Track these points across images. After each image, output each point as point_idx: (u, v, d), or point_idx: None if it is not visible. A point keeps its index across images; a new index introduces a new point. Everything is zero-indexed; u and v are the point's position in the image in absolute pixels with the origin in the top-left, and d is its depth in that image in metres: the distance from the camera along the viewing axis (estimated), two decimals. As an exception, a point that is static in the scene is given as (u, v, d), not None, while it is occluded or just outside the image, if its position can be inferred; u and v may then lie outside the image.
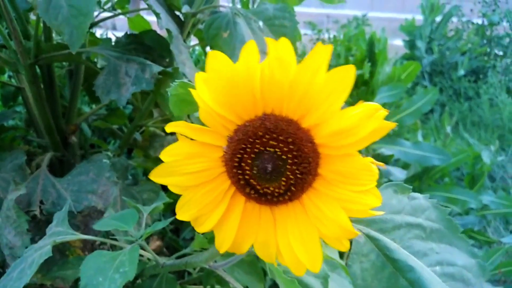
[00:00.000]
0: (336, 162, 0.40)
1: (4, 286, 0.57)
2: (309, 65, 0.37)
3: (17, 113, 1.23)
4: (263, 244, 0.44)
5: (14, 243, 0.75)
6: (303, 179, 0.40)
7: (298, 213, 0.43)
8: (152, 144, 1.16)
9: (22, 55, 0.88)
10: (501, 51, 3.62)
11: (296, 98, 0.39)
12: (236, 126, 0.42)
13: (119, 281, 0.50)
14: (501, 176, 2.38)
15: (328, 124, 0.38)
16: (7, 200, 0.78)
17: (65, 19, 0.72)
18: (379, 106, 0.37)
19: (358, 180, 0.39)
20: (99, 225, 0.65)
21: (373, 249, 0.47)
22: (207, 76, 0.40)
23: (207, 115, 0.42)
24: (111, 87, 0.84)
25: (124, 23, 1.38)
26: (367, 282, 0.45)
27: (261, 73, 0.39)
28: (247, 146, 0.41)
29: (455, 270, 0.45)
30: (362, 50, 2.17)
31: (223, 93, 0.40)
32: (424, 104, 1.89)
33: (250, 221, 0.45)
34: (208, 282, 0.90)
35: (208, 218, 0.45)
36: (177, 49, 0.81)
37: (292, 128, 0.40)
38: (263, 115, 0.41)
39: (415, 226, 0.48)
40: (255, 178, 0.42)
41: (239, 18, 0.88)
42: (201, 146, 0.44)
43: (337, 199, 0.40)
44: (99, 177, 0.84)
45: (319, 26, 3.79)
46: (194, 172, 0.44)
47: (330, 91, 0.37)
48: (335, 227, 0.40)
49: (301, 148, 0.39)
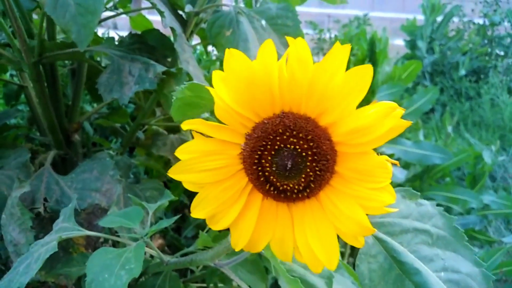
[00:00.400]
0: (353, 160, 0.41)
1: (11, 280, 0.58)
2: (329, 64, 0.38)
3: (19, 111, 1.23)
4: (280, 242, 0.45)
5: (18, 240, 0.76)
6: (321, 176, 0.41)
7: (315, 210, 0.43)
8: (154, 142, 1.16)
9: (26, 53, 0.88)
10: (502, 51, 3.63)
11: (315, 97, 0.39)
12: (254, 124, 0.42)
13: (125, 277, 0.51)
14: (502, 176, 2.38)
15: (345, 122, 0.39)
16: (11, 198, 0.79)
17: (72, 17, 0.72)
18: (395, 105, 0.38)
19: (374, 177, 0.40)
20: (104, 222, 0.65)
21: (381, 251, 0.48)
22: (225, 74, 0.41)
23: (225, 113, 0.42)
24: (113, 86, 0.84)
25: (125, 23, 1.39)
26: (374, 283, 0.46)
27: (280, 72, 0.39)
28: (267, 143, 0.41)
29: (459, 277, 0.46)
30: (363, 50, 2.17)
31: (241, 91, 0.41)
32: (425, 103, 1.89)
33: (267, 218, 0.45)
34: (211, 280, 0.90)
35: (224, 216, 0.45)
36: (181, 47, 0.82)
37: (310, 125, 0.40)
38: (281, 113, 0.41)
39: (422, 232, 0.49)
40: (274, 175, 0.42)
41: (242, 17, 0.88)
42: (218, 143, 0.44)
43: (354, 196, 0.41)
44: (102, 175, 0.84)
45: (320, 26, 3.80)
46: (211, 169, 0.44)
47: (348, 90, 0.38)
48: (352, 224, 0.41)
49: (320, 146, 0.40)
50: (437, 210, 0.50)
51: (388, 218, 0.49)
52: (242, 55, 0.40)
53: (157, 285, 0.74)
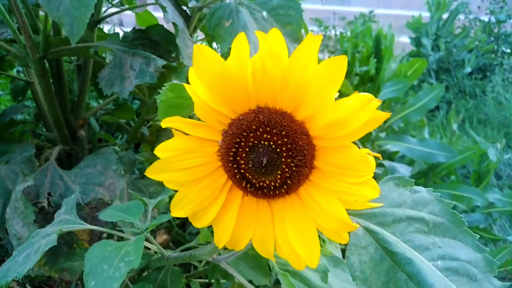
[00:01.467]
0: (332, 154, 0.40)
1: (9, 269, 0.58)
2: (299, 57, 0.37)
3: (26, 107, 1.24)
4: (261, 239, 0.44)
5: (21, 234, 0.77)
6: (298, 172, 0.40)
7: (295, 206, 0.43)
8: (159, 138, 1.17)
9: (31, 49, 0.89)
10: (508, 49, 3.60)
11: (289, 91, 0.38)
12: (230, 120, 0.42)
13: (123, 269, 0.51)
14: (508, 174, 2.37)
15: (322, 116, 0.38)
16: (15, 191, 0.80)
17: (66, 10, 0.72)
18: (371, 97, 0.37)
19: (355, 171, 0.39)
20: (105, 216, 0.65)
21: (372, 242, 0.47)
22: (196, 72, 0.40)
23: (202, 110, 0.42)
24: (115, 80, 0.84)
25: (131, 19, 1.39)
26: (365, 275, 0.45)
27: (253, 67, 0.39)
28: (241, 140, 0.41)
29: (458, 265, 0.45)
30: (369, 47, 2.17)
31: (215, 88, 0.40)
32: (430, 100, 1.88)
33: (248, 215, 0.44)
34: (213, 276, 0.90)
35: (206, 213, 0.45)
36: (183, 42, 0.82)
37: (286, 120, 0.40)
38: (257, 108, 0.41)
39: (416, 220, 0.48)
40: (250, 172, 0.42)
41: (242, 8, 0.88)
42: (197, 141, 0.44)
43: (334, 191, 0.40)
44: (106, 169, 0.85)
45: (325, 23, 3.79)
46: (190, 167, 0.44)
47: (322, 82, 0.37)
48: (332, 220, 0.40)
49: (295, 141, 0.39)
50: (433, 196, 0.49)
51: (380, 208, 0.48)
52: (212, 51, 0.39)
53: (159, 280, 0.74)
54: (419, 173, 1.76)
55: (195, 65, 0.40)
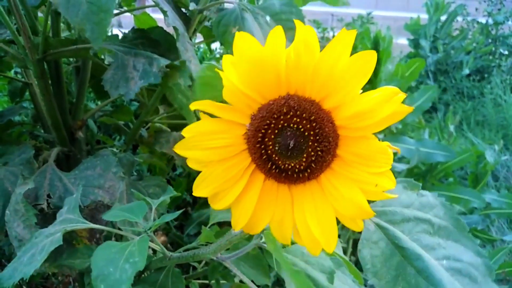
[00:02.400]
0: (354, 144, 0.42)
1: (15, 269, 0.58)
2: (333, 49, 0.39)
3: (24, 108, 1.24)
4: (279, 223, 0.45)
5: (23, 236, 0.76)
6: (323, 157, 0.42)
7: (315, 192, 0.44)
8: (157, 140, 1.17)
9: (30, 50, 0.89)
10: (506, 51, 3.62)
11: (320, 81, 0.40)
12: (260, 105, 0.43)
13: (129, 271, 0.51)
14: (505, 175, 2.38)
15: (347, 106, 0.40)
16: (15, 194, 0.79)
17: (85, 15, 0.73)
18: (397, 90, 0.39)
19: (374, 162, 0.41)
20: (108, 216, 0.65)
21: (383, 237, 0.49)
22: (235, 57, 0.42)
23: (233, 95, 0.43)
24: (119, 82, 0.84)
25: (129, 21, 1.39)
26: (376, 268, 0.47)
27: (287, 56, 0.41)
28: (271, 123, 0.42)
29: (462, 266, 0.47)
30: (367, 49, 2.17)
31: (250, 73, 0.42)
32: (425, 101, 1.89)
33: (268, 199, 0.46)
34: (213, 276, 0.90)
35: (226, 194, 0.46)
36: (183, 46, 0.82)
37: (314, 108, 0.41)
38: (287, 95, 0.42)
39: (423, 221, 0.50)
40: (277, 154, 0.43)
41: (247, 13, 0.89)
42: (224, 123, 0.45)
43: (354, 180, 0.42)
44: (106, 172, 0.85)
45: (324, 25, 3.79)
46: (216, 147, 0.45)
47: (352, 75, 0.39)
48: (352, 207, 0.41)
49: (322, 127, 0.41)
50: (438, 200, 0.51)
51: (390, 207, 0.50)
52: (252, 38, 0.41)
53: (160, 281, 0.74)
54: (417, 175, 1.76)
55: (235, 50, 0.41)
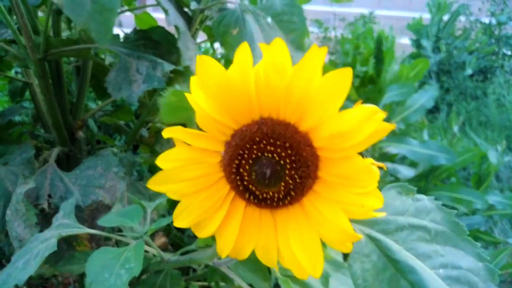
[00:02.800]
0: (336, 165, 0.39)
1: (9, 275, 0.57)
2: (305, 69, 0.37)
3: (24, 108, 1.24)
4: (264, 249, 0.44)
5: (23, 236, 0.76)
6: (302, 183, 0.40)
7: (299, 216, 0.42)
8: (158, 140, 1.16)
9: (31, 50, 0.88)
10: (509, 51, 3.60)
11: (293, 102, 0.38)
12: (233, 131, 0.41)
13: (125, 277, 0.50)
14: (508, 176, 2.37)
15: (326, 126, 0.38)
16: (16, 194, 0.79)
17: (89, 15, 0.72)
18: (376, 109, 0.36)
19: (359, 182, 0.38)
20: (104, 221, 0.65)
21: (374, 250, 0.47)
22: (199, 82, 0.40)
23: (204, 120, 0.41)
24: (122, 84, 0.84)
25: (130, 20, 1.39)
26: (368, 283, 0.45)
27: (256, 78, 0.38)
28: (244, 152, 0.40)
29: (460, 273, 0.45)
30: (370, 49, 2.16)
31: (218, 98, 0.40)
32: (427, 100, 1.88)
33: (251, 225, 0.44)
34: (213, 279, 0.90)
35: (208, 224, 0.45)
36: (185, 45, 0.81)
37: (289, 132, 0.39)
38: (260, 119, 0.40)
39: (419, 228, 0.48)
40: (254, 184, 0.41)
41: (248, 14, 0.88)
42: (199, 151, 0.43)
43: (338, 202, 0.40)
44: (106, 171, 0.85)
45: (325, 24, 3.78)
46: (193, 178, 0.43)
47: (327, 94, 0.36)
48: (336, 230, 0.39)
49: (299, 152, 0.39)
50: (434, 204, 0.49)
51: (383, 216, 0.48)
52: (214, 62, 0.39)
53: (158, 283, 0.74)
54: (419, 176, 1.75)
55: (198, 75, 0.40)
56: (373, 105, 0.37)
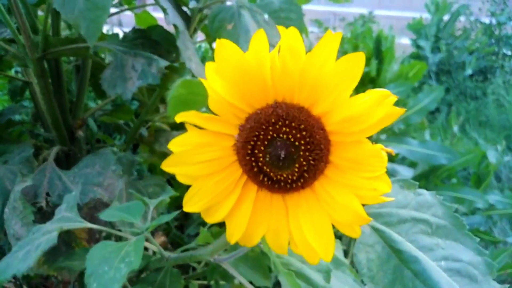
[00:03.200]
0: (347, 149, 0.41)
1: (9, 264, 0.57)
2: (319, 54, 0.38)
3: (24, 107, 1.24)
4: (275, 233, 0.44)
5: (20, 234, 0.76)
6: (315, 166, 0.41)
7: (310, 200, 0.43)
8: (157, 139, 1.16)
9: (30, 49, 0.89)
10: (509, 51, 3.60)
11: (307, 87, 0.39)
12: (247, 115, 0.42)
13: (124, 270, 0.51)
14: (508, 176, 2.36)
15: (338, 111, 0.39)
16: (13, 192, 0.79)
17: (81, 12, 0.72)
18: (388, 93, 0.38)
19: (369, 166, 0.39)
20: (105, 215, 0.65)
21: (379, 241, 0.48)
22: (217, 65, 0.41)
23: (218, 104, 0.42)
24: (117, 81, 0.84)
25: (130, 20, 1.39)
26: (372, 272, 0.46)
27: (272, 62, 0.39)
28: (260, 134, 0.41)
29: (461, 266, 0.46)
30: (369, 48, 2.17)
31: (234, 82, 0.41)
32: (430, 102, 1.88)
33: (262, 210, 0.45)
34: (212, 277, 0.90)
35: (219, 208, 0.45)
36: (183, 44, 0.81)
37: (303, 115, 0.40)
38: (274, 103, 0.41)
39: (420, 221, 0.49)
40: (268, 165, 0.42)
41: (244, 10, 0.88)
42: (212, 135, 0.44)
43: (349, 186, 0.41)
44: (105, 170, 0.85)
45: (325, 24, 3.79)
46: (205, 161, 0.44)
47: (340, 79, 0.38)
48: (348, 213, 0.40)
49: (313, 135, 0.40)
50: (436, 199, 0.50)
51: (386, 209, 0.49)
52: (234, 45, 0.40)
53: (158, 281, 0.74)
54: (420, 175, 1.75)
55: (217, 58, 0.40)
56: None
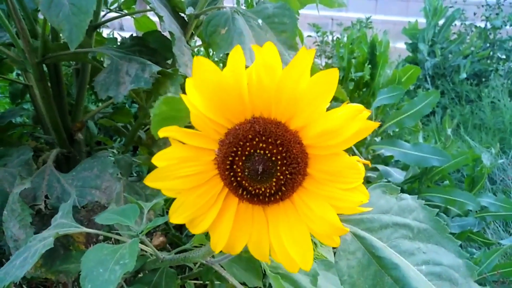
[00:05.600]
0: (324, 162, 0.42)
1: (7, 273, 0.59)
2: (293, 70, 0.39)
3: (24, 110, 1.26)
4: (256, 243, 0.46)
5: (18, 236, 0.78)
6: (293, 179, 0.42)
7: (289, 212, 0.44)
8: (155, 142, 1.18)
9: (29, 54, 0.90)
10: (503, 55, 3.63)
11: (283, 102, 0.40)
12: (226, 130, 0.44)
13: (119, 272, 0.52)
14: (502, 179, 2.39)
15: (314, 125, 0.40)
16: (12, 194, 0.81)
17: (66, 16, 0.73)
18: (362, 107, 0.39)
19: (345, 178, 0.41)
20: (101, 219, 0.66)
21: (360, 247, 0.48)
22: (194, 82, 0.42)
23: (198, 120, 0.43)
24: (110, 85, 0.85)
25: (131, 24, 1.41)
26: (353, 279, 0.46)
27: (249, 78, 0.41)
28: (238, 149, 0.42)
29: (441, 270, 0.47)
30: (364, 53, 2.19)
31: (212, 98, 0.42)
32: (425, 106, 1.89)
33: (244, 221, 0.46)
34: (207, 277, 0.91)
35: (202, 220, 0.46)
36: (180, 50, 0.83)
37: (280, 130, 0.41)
38: (252, 118, 0.42)
39: (402, 226, 0.50)
40: (247, 180, 0.43)
41: (238, 15, 0.89)
42: (193, 150, 0.45)
43: (326, 197, 0.42)
44: (102, 173, 0.86)
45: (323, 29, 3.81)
46: (187, 175, 0.45)
47: (315, 94, 0.39)
48: (325, 224, 0.42)
49: (289, 149, 0.41)
50: (418, 203, 0.51)
51: (368, 214, 0.50)
52: (210, 63, 0.41)
53: (154, 281, 0.75)
54: (412, 177, 1.77)
55: (194, 75, 0.41)
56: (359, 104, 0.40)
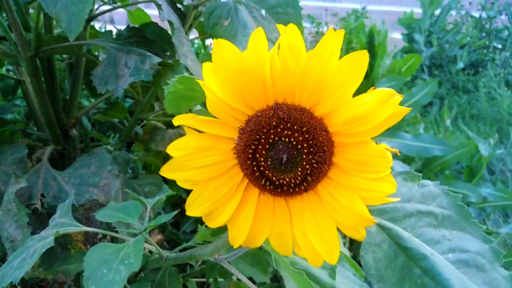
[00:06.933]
0: (351, 150, 0.39)
1: (4, 274, 0.57)
2: (322, 52, 0.36)
3: (16, 106, 1.22)
4: (278, 236, 0.43)
5: (15, 236, 0.75)
6: (318, 169, 0.40)
7: (313, 203, 0.42)
8: (153, 137, 1.15)
9: (22, 47, 0.87)
10: (500, 44, 3.62)
11: (309, 86, 0.38)
12: (247, 117, 0.41)
13: (124, 272, 0.50)
14: (500, 169, 2.38)
15: (341, 111, 0.38)
16: (7, 193, 0.78)
17: (64, 6, 0.70)
18: (393, 92, 0.36)
19: (373, 167, 0.38)
20: (102, 216, 0.64)
21: (385, 239, 0.46)
22: (214, 66, 0.39)
23: (217, 107, 0.41)
24: (109, 78, 0.82)
25: (122, 17, 1.38)
26: (380, 272, 0.45)
27: (271, 61, 0.38)
28: (261, 137, 0.40)
29: (468, 257, 0.45)
30: (362, 43, 2.17)
31: (232, 83, 0.39)
32: (423, 96, 1.89)
33: (265, 213, 0.44)
34: (211, 275, 0.90)
35: (221, 212, 0.44)
36: (179, 41, 0.80)
37: (305, 116, 0.39)
38: (275, 105, 0.40)
39: (426, 214, 0.48)
40: (270, 169, 0.41)
41: (241, 6, 0.86)
42: (211, 138, 0.42)
43: (353, 188, 0.40)
44: (100, 170, 0.83)
45: (318, 19, 3.78)
46: (205, 165, 0.43)
47: (343, 78, 0.36)
48: (352, 216, 0.39)
49: (316, 137, 0.39)
50: (440, 189, 0.49)
51: (390, 204, 0.48)
52: (231, 45, 0.38)
53: (157, 280, 0.73)
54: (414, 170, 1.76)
55: (214, 59, 0.39)
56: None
